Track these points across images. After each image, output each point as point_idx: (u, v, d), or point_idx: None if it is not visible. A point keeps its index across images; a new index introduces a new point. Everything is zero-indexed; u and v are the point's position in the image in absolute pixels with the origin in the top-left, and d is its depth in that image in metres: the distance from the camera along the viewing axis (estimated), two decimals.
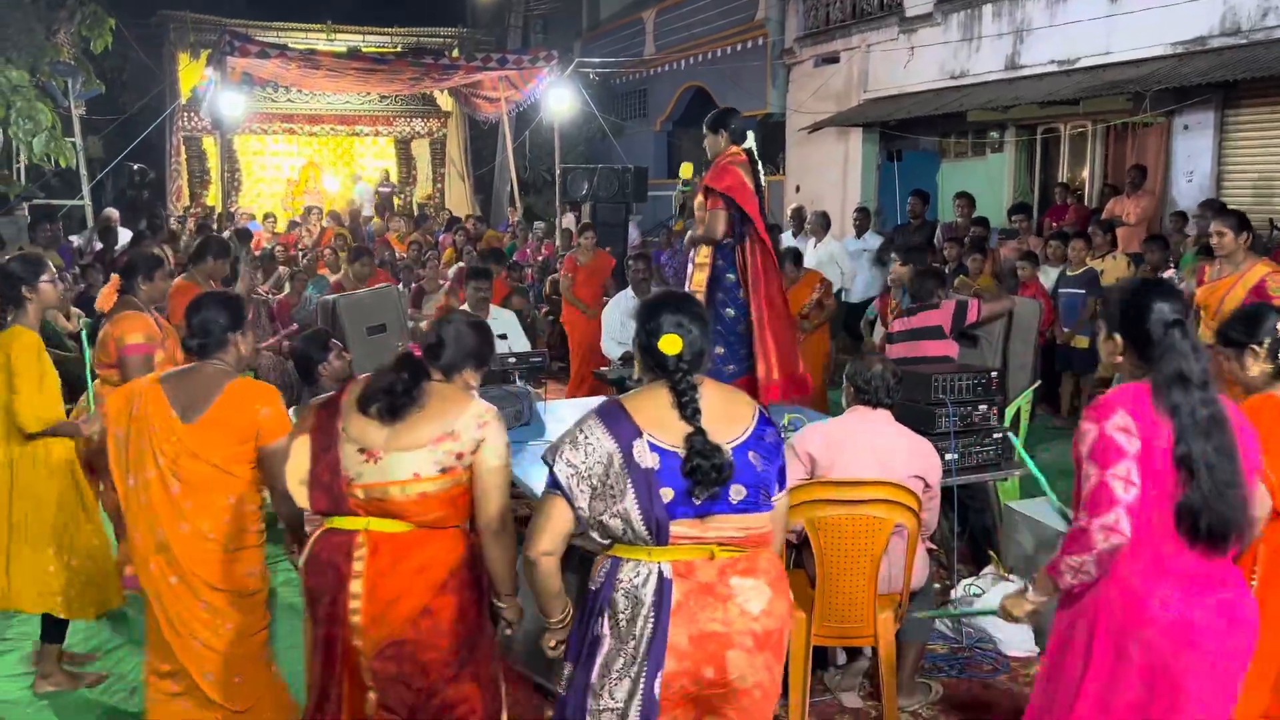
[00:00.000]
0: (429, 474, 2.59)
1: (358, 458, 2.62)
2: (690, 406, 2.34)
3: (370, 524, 2.62)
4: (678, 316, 2.42)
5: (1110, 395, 2.47)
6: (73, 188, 12.81)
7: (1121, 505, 2.33)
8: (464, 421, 2.62)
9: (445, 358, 2.77)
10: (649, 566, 2.33)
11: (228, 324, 3.18)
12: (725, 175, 4.67)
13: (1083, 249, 7.81)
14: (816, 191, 13.39)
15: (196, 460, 3.09)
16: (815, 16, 13.68)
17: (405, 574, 2.59)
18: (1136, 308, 2.47)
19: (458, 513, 2.68)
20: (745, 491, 2.36)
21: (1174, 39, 8.90)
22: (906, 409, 4.20)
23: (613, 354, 6.84)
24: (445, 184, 18.83)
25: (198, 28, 16.16)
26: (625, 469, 2.31)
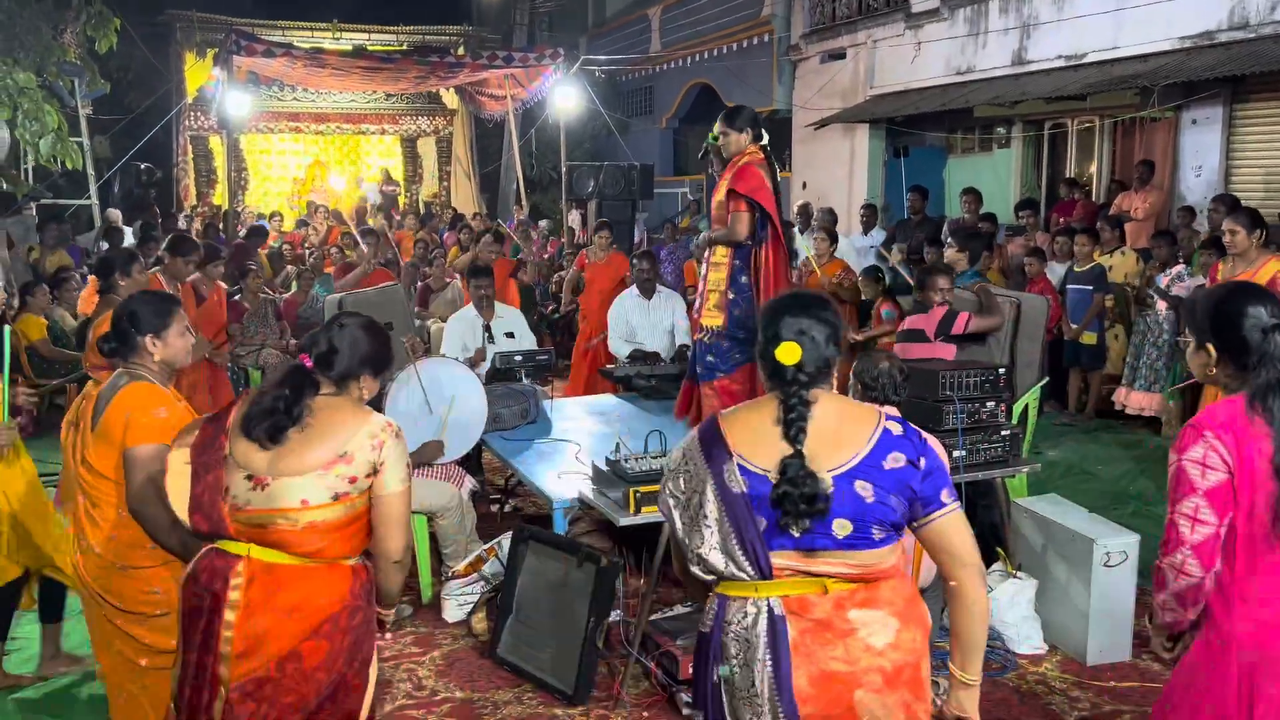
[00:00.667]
0: (320, 501, 2.36)
1: (245, 484, 2.39)
2: (796, 425, 2.07)
3: (251, 550, 2.40)
4: (801, 321, 2.16)
5: (1199, 418, 2.29)
6: (80, 187, 12.86)
7: (1188, 545, 2.21)
8: (357, 441, 2.38)
9: (339, 366, 2.50)
10: (757, 604, 2.10)
11: (141, 327, 3.01)
12: (748, 177, 4.67)
13: (1089, 245, 7.78)
14: (823, 188, 13.37)
15: (93, 472, 3.02)
16: (821, 12, 13.65)
17: (277, 612, 2.37)
18: (1229, 315, 2.30)
19: (349, 544, 2.44)
20: (851, 527, 2.06)
21: (1181, 33, 8.86)
22: (913, 405, 4.19)
23: (620, 352, 6.83)
24: (451, 182, 18.83)
25: (204, 27, 16.19)
26: (719, 496, 2.10)
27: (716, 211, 4.82)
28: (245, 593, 2.37)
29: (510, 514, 5.88)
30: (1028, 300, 5.61)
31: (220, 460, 2.43)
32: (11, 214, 10.31)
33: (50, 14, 9.16)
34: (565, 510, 4.29)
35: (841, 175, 13.30)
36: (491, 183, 18.86)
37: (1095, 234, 7.97)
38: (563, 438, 5.14)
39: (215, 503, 2.41)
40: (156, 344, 3.03)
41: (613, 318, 7.07)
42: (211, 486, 2.42)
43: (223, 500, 2.41)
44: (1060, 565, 4.26)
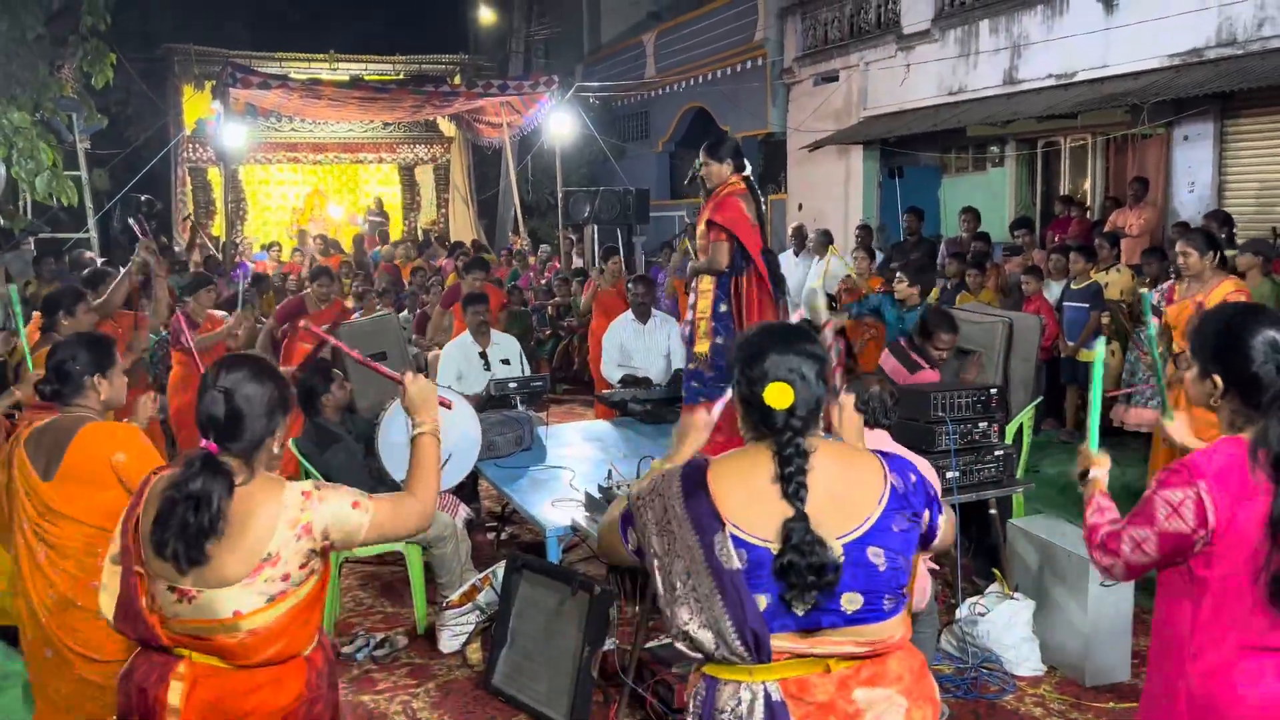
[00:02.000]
0: (254, 607, 2.07)
1: (169, 596, 2.09)
2: (796, 481, 1.82)
3: (193, 655, 2.13)
4: (790, 358, 1.90)
5: (1194, 461, 2.08)
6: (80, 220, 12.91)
7: (1121, 560, 2.15)
8: (279, 538, 2.08)
9: (247, 434, 2.13)
10: (752, 689, 1.86)
11: (86, 366, 2.92)
12: (727, 208, 4.70)
13: (1085, 262, 7.79)
14: (818, 209, 13.41)
15: (62, 519, 2.89)
16: (814, 36, 13.75)
17: (228, 718, 2.13)
18: (1238, 341, 2.04)
19: (297, 641, 2.17)
20: (861, 600, 1.83)
21: (1171, 50, 8.91)
22: (906, 427, 4.18)
23: (612, 377, 6.83)
24: (450, 209, 18.91)
25: (201, 59, 16.31)
26: (709, 568, 1.83)
27: (700, 241, 4.87)
28: (187, 699, 2.10)
29: (506, 541, 5.86)
30: (1020, 320, 5.61)
31: (142, 566, 2.13)
32: (9, 248, 10.35)
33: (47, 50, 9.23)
34: (560, 538, 4.27)
35: (837, 196, 13.35)
36: (489, 209, 18.94)
37: (1091, 251, 7.98)
38: (557, 464, 5.13)
39: (140, 610, 2.12)
40: (102, 384, 2.95)
41: (607, 342, 7.07)
42: (134, 591, 2.13)
43: (148, 610, 2.12)
44: (1058, 586, 4.24)
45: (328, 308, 7.45)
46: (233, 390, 2.13)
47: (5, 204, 9.17)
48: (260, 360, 2.27)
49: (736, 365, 1.97)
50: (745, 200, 4.72)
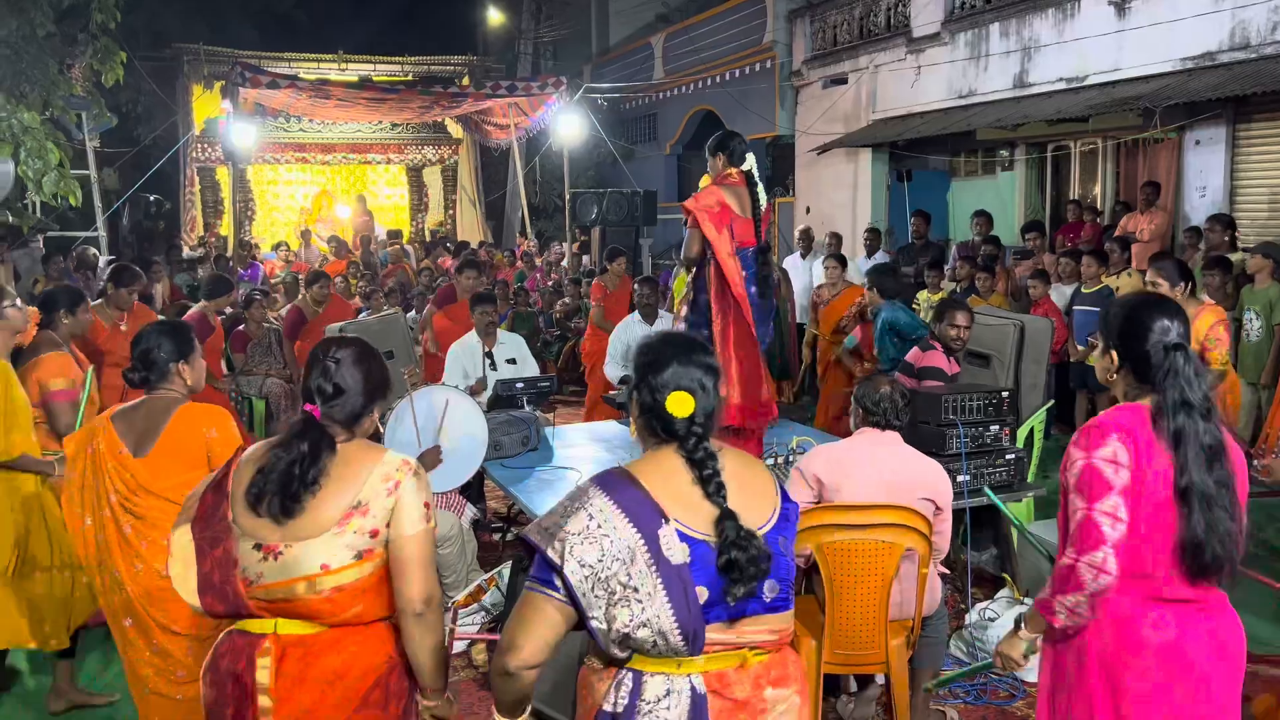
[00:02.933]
0: (342, 563, 2.13)
1: (255, 555, 2.15)
2: (714, 482, 1.95)
3: (279, 625, 2.18)
4: (688, 369, 2.01)
5: (1102, 419, 2.34)
6: (89, 219, 12.94)
7: (1109, 543, 2.23)
8: (371, 487, 2.16)
9: (348, 407, 2.27)
10: (680, 682, 1.93)
11: (170, 354, 3.09)
12: (703, 194, 4.68)
13: (1096, 266, 7.74)
14: (827, 212, 13.38)
15: (150, 495, 3.03)
16: (823, 38, 13.72)
17: (318, 684, 2.16)
18: (1137, 325, 2.34)
19: (382, 603, 2.21)
20: (779, 588, 1.99)
21: (1183, 54, 8.86)
22: (917, 430, 4.15)
23: (615, 377, 6.83)
24: (457, 211, 18.92)
25: (210, 59, 16.34)
26: (653, 565, 1.88)
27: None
28: (276, 672, 2.15)
29: (512, 542, 5.84)
30: (1031, 323, 5.57)
31: (227, 530, 2.19)
32: (18, 247, 10.37)
33: (58, 48, 9.24)
34: None
35: (845, 199, 13.32)
36: (496, 211, 18.95)
37: (1103, 255, 7.94)
38: (564, 465, 5.10)
39: (228, 579, 2.17)
40: (185, 369, 3.14)
41: (613, 342, 7.06)
42: (221, 562, 2.18)
43: (236, 575, 2.17)
44: None
45: (328, 309, 7.47)
46: (341, 364, 2.27)
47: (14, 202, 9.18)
48: (365, 343, 2.39)
49: (638, 373, 2.05)
50: (732, 191, 4.68)
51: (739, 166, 4.71)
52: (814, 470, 3.57)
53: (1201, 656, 2.29)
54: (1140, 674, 2.28)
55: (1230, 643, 2.34)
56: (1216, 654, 2.31)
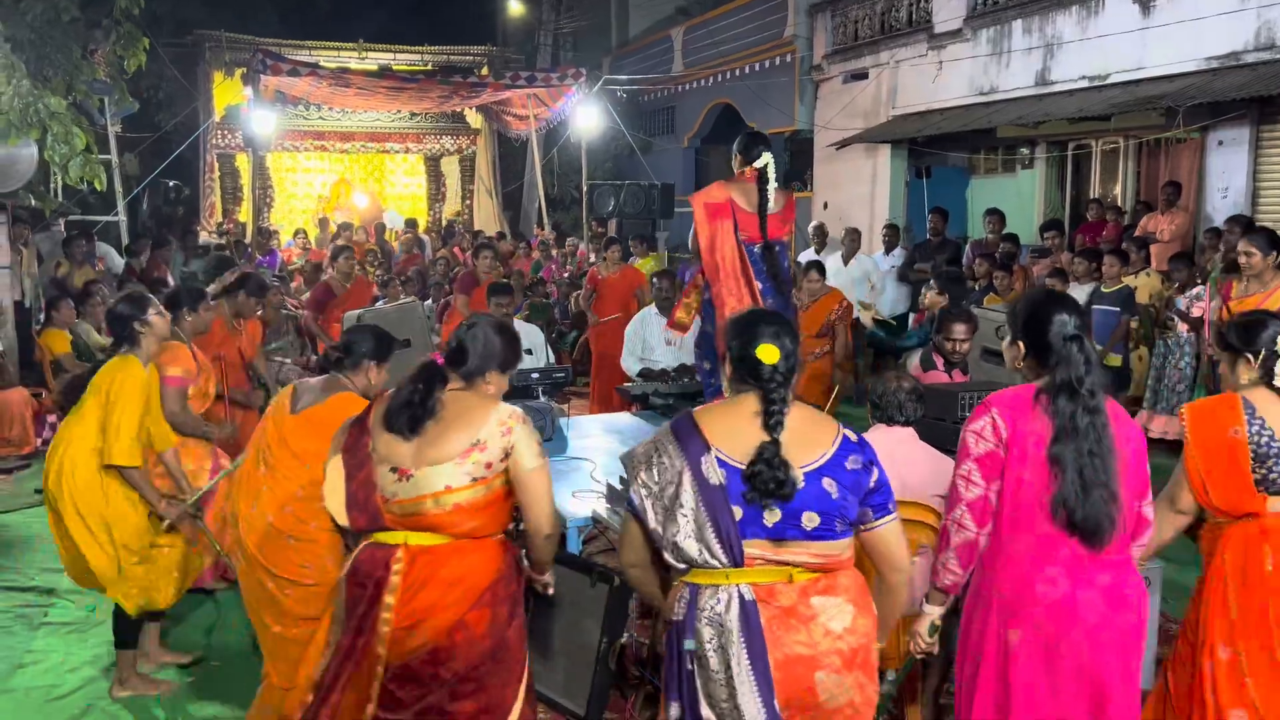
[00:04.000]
0: (460, 484, 2.60)
1: (390, 477, 2.63)
2: (775, 417, 2.29)
3: (409, 538, 2.64)
4: (774, 328, 2.39)
5: (990, 398, 2.64)
6: (110, 204, 13.02)
7: (964, 503, 2.57)
8: (489, 429, 2.62)
9: (468, 363, 2.75)
10: (729, 590, 2.28)
11: (369, 352, 3.43)
12: (704, 192, 4.77)
13: (1117, 266, 7.70)
14: (845, 208, 13.34)
15: (285, 449, 3.31)
16: (844, 33, 13.67)
17: (441, 586, 2.61)
18: (1039, 319, 2.61)
19: (494, 521, 2.68)
20: (819, 519, 2.28)
21: (1208, 54, 8.79)
22: (932, 427, 4.14)
23: (631, 370, 6.81)
24: (475, 201, 18.95)
25: (232, 46, 16.40)
26: (696, 487, 2.27)
27: None
28: (406, 575, 2.60)
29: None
30: None
31: (368, 457, 2.67)
32: (40, 230, 10.44)
33: (81, 33, 9.29)
34: (580, 529, 4.26)
35: (863, 195, 13.27)
36: (514, 202, 18.96)
37: (1125, 255, 7.90)
38: (578, 456, 5.11)
39: (370, 497, 2.65)
40: (373, 370, 3.46)
41: (629, 335, 7.05)
42: (364, 483, 2.66)
43: (376, 493, 2.64)
44: None
45: (353, 285, 7.52)
46: (473, 328, 2.78)
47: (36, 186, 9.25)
48: (504, 323, 2.90)
49: (732, 334, 2.43)
50: (740, 187, 4.72)
51: (753, 164, 4.72)
52: None
53: (1094, 612, 2.53)
54: (1035, 626, 2.53)
55: (1125, 599, 2.56)
56: (1112, 608, 2.54)
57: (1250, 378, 3.03)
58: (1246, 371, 3.04)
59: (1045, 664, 2.55)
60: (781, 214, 4.87)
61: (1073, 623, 2.52)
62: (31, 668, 4.32)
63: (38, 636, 4.62)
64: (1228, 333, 3.16)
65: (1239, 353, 3.06)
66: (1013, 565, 2.57)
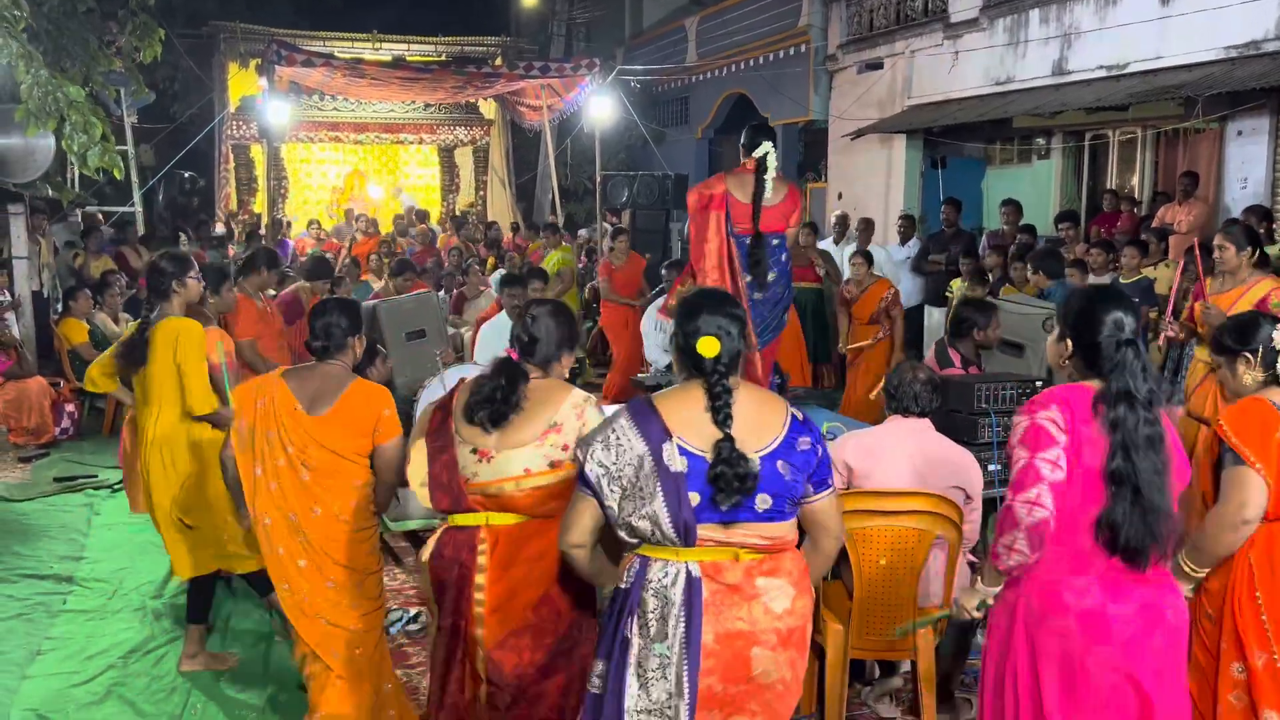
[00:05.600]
0: (539, 469, 2.71)
1: (472, 458, 2.74)
2: (723, 412, 2.33)
3: (490, 519, 2.75)
4: (717, 318, 2.41)
5: (1046, 392, 2.54)
6: (125, 194, 13.09)
7: (1045, 483, 2.40)
8: (564, 412, 2.73)
9: (541, 353, 2.85)
10: (677, 566, 2.36)
11: (348, 329, 3.40)
12: (701, 183, 4.86)
13: (1137, 257, 7.64)
14: (859, 198, 13.28)
15: (322, 449, 3.29)
16: (859, 23, 13.59)
17: (525, 562, 2.73)
18: (1091, 317, 2.48)
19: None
20: (771, 501, 2.35)
21: (1227, 42, 8.70)
22: (949, 418, 4.13)
23: (660, 361, 6.84)
24: (488, 192, 18.95)
25: (246, 37, 16.42)
26: (655, 471, 2.33)
27: None
28: (492, 556, 2.72)
29: None
30: None
31: (451, 440, 2.78)
32: (57, 220, 10.51)
33: (97, 24, 9.32)
34: None
35: (878, 186, 13.21)
36: (527, 192, 18.96)
37: (1143, 246, 7.83)
38: None
39: (454, 479, 2.76)
40: (357, 345, 3.46)
41: (647, 329, 7.07)
42: (448, 465, 2.77)
43: (460, 475, 2.75)
44: None
45: None
46: (537, 319, 2.86)
47: (53, 176, 9.30)
48: (562, 305, 3.01)
49: (677, 321, 2.48)
50: (737, 178, 4.74)
51: (752, 154, 4.72)
52: (844, 457, 3.57)
53: (1129, 627, 2.40)
54: (1059, 635, 2.43)
55: (1163, 619, 2.44)
56: (1149, 626, 2.42)
57: (1253, 377, 3.01)
58: (1248, 371, 3.02)
59: (1069, 676, 2.44)
60: (782, 206, 4.85)
61: (1102, 637, 2.40)
62: (51, 655, 4.36)
63: (57, 624, 4.66)
64: (1222, 336, 3.15)
65: (1236, 353, 3.04)
66: (1042, 572, 2.46)
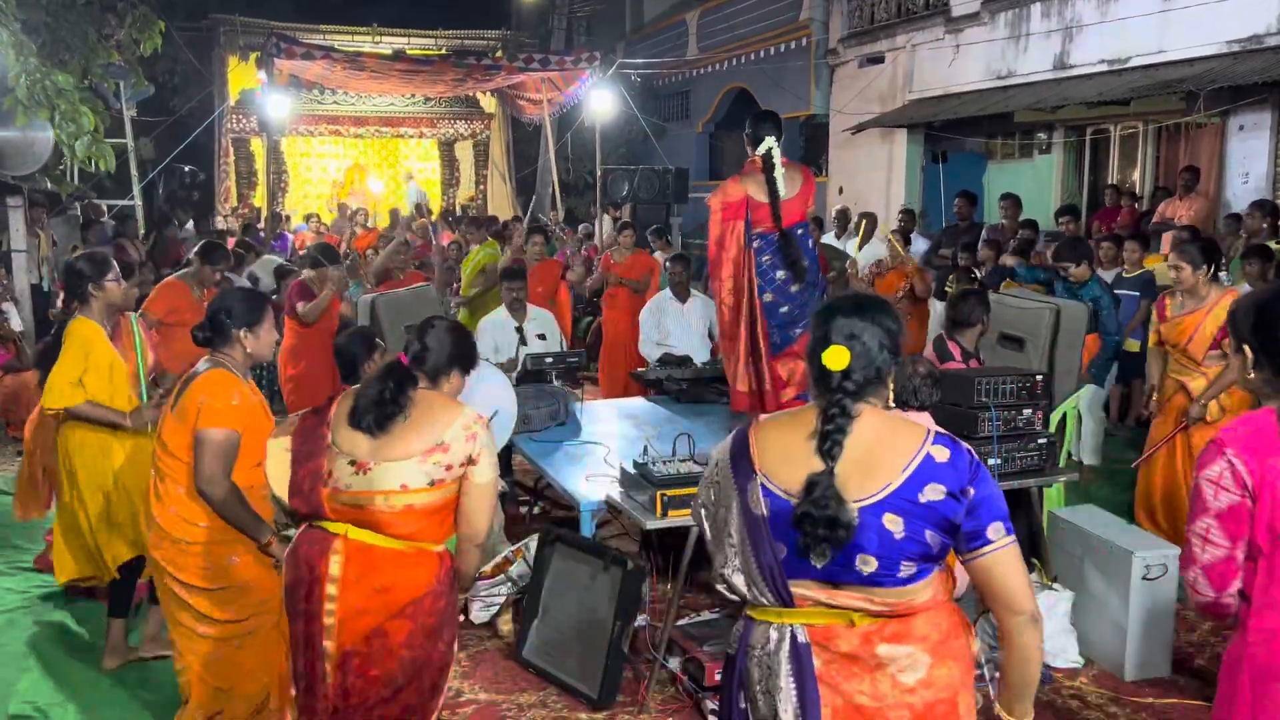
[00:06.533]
0: (417, 485, 2.53)
1: (348, 470, 2.57)
2: (831, 439, 1.91)
3: (349, 531, 2.57)
4: (853, 323, 1.99)
5: (1222, 434, 2.18)
6: (125, 187, 13.07)
7: (1199, 565, 2.13)
8: (453, 432, 2.56)
9: (430, 362, 2.79)
10: (780, 630, 1.98)
11: (236, 320, 3.23)
12: (720, 190, 4.81)
13: (1139, 251, 7.62)
14: (860, 193, 13.26)
15: (165, 449, 3.22)
16: (860, 16, 13.55)
17: (368, 590, 2.54)
18: (1273, 318, 2.14)
19: (438, 530, 2.61)
20: (876, 564, 1.89)
21: (1229, 37, 8.68)
22: (949, 412, 4.11)
23: (651, 355, 6.80)
24: (488, 186, 18.93)
25: (246, 30, 16.40)
26: (742, 516, 1.99)
27: None
28: (344, 569, 2.55)
29: (538, 516, 5.87)
30: (1067, 307, 5.49)
31: (322, 449, 2.61)
32: (56, 214, 10.48)
33: (96, 16, 9.29)
34: (593, 513, 4.26)
35: (879, 180, 13.19)
36: (527, 186, 18.94)
37: (1146, 239, 7.81)
38: (592, 440, 5.11)
39: (315, 488, 2.60)
40: (248, 337, 3.26)
41: (645, 320, 7.04)
42: (311, 473, 2.61)
43: (322, 485, 2.59)
44: (1098, 577, 4.17)
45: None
46: (433, 330, 2.84)
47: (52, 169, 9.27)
48: (459, 324, 2.96)
49: (811, 326, 2.08)
50: (753, 178, 4.69)
51: (756, 152, 4.68)
52: None
53: None
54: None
55: None
56: None
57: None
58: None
59: None
60: (799, 195, 4.82)
61: None
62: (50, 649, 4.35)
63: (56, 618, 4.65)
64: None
65: None
66: (1265, 617, 2.14)
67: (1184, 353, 5.05)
